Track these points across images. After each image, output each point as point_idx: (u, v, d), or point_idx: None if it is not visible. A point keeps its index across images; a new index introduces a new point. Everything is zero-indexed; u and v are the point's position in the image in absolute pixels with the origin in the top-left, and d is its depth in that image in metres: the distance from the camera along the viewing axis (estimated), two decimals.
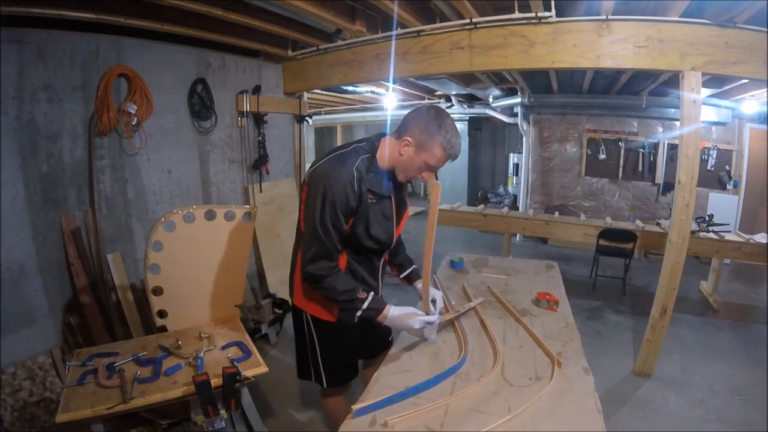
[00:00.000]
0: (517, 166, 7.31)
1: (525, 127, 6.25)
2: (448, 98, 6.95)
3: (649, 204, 5.96)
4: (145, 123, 2.62)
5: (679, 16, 2.30)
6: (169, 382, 1.52)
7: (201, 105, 3.03)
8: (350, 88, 5.23)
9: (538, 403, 1.14)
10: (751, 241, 3.56)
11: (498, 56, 2.70)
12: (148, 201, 2.77)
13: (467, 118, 7.90)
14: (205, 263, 1.95)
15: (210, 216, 1.90)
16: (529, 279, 2.13)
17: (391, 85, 5.50)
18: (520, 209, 6.56)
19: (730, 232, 3.89)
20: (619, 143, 5.84)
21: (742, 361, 2.98)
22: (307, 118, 4.25)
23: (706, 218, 4.09)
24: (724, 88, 4.57)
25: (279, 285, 3.47)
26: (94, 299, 2.38)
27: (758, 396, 2.53)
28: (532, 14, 2.47)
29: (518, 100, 5.94)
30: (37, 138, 2.22)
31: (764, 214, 5.45)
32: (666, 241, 2.65)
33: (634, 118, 5.76)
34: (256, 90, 3.42)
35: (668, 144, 5.64)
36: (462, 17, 2.67)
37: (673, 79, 3.44)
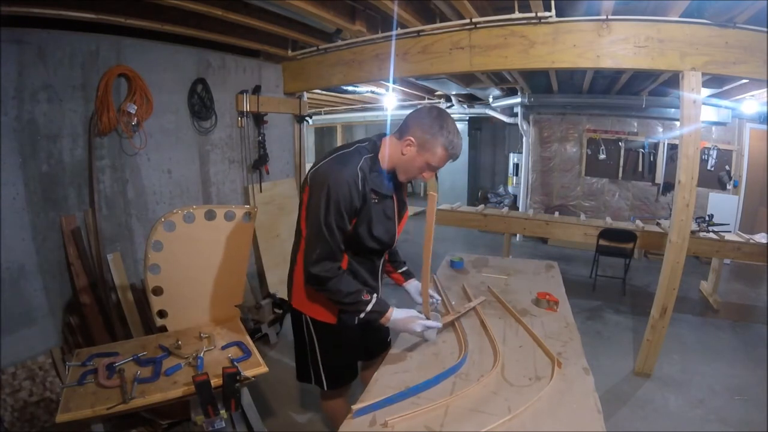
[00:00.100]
0: (517, 166, 7.31)
1: (525, 127, 6.25)
2: (448, 98, 6.95)
3: (649, 204, 5.96)
4: (145, 123, 2.62)
5: (679, 16, 2.30)
6: (169, 382, 1.52)
7: (201, 105, 3.03)
8: (350, 88, 5.23)
9: (538, 403, 1.14)
10: (751, 241, 3.56)
11: (498, 56, 2.70)
12: (148, 201, 2.77)
13: (467, 118, 7.89)
14: (205, 263, 1.95)
15: (210, 216, 1.90)
16: (529, 279, 2.14)
17: (391, 85, 5.50)
18: (520, 209, 6.56)
19: (730, 232, 3.89)
20: (619, 143, 5.84)
21: (742, 361, 2.98)
22: (307, 118, 4.25)
23: (706, 218, 4.09)
24: (724, 88, 4.57)
25: (279, 285, 3.47)
26: (94, 299, 2.38)
27: (758, 396, 2.53)
28: (532, 14, 2.47)
29: (518, 100, 5.94)
30: (37, 138, 2.22)
31: (764, 214, 5.44)
32: (666, 241, 2.65)
33: (634, 118, 5.76)
34: (256, 90, 3.42)
35: (668, 144, 5.64)
36: (462, 17, 2.67)
37: (673, 79, 3.44)
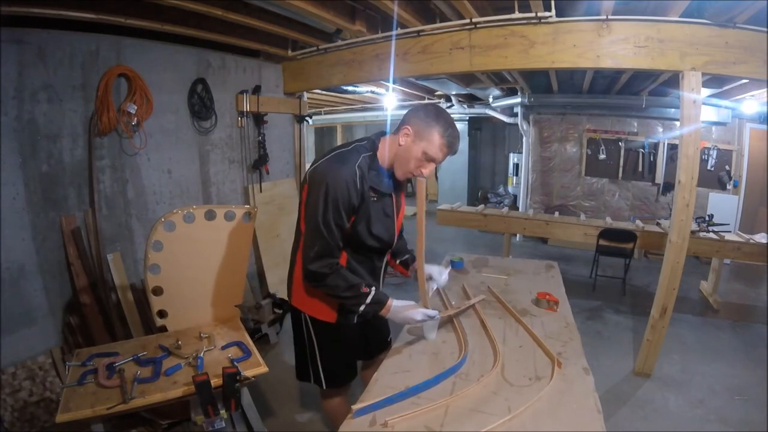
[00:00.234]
0: (517, 166, 7.31)
1: (525, 127, 6.25)
2: (448, 98, 6.95)
3: (649, 204, 5.95)
4: (145, 123, 2.62)
5: (679, 16, 2.30)
6: (169, 382, 1.52)
7: (201, 105, 3.03)
8: (350, 88, 5.22)
9: (538, 403, 1.13)
10: (751, 241, 3.56)
11: (498, 56, 2.70)
12: (148, 201, 2.77)
13: (467, 118, 7.89)
14: (205, 263, 1.95)
15: (210, 216, 1.90)
16: (529, 279, 2.13)
17: (391, 85, 5.50)
18: (520, 209, 6.56)
19: (730, 232, 3.89)
20: (619, 143, 5.84)
21: (742, 361, 2.98)
22: (307, 118, 4.25)
23: (706, 218, 4.09)
24: (724, 88, 4.57)
25: (279, 285, 3.47)
26: (94, 299, 2.38)
27: (758, 396, 2.53)
28: (532, 14, 2.47)
29: (518, 100, 5.94)
30: (37, 138, 2.22)
31: (764, 214, 5.44)
32: (666, 241, 2.65)
33: (634, 118, 5.76)
34: (256, 90, 3.42)
35: (668, 144, 5.64)
36: (462, 17, 2.67)
37: (673, 79, 3.44)
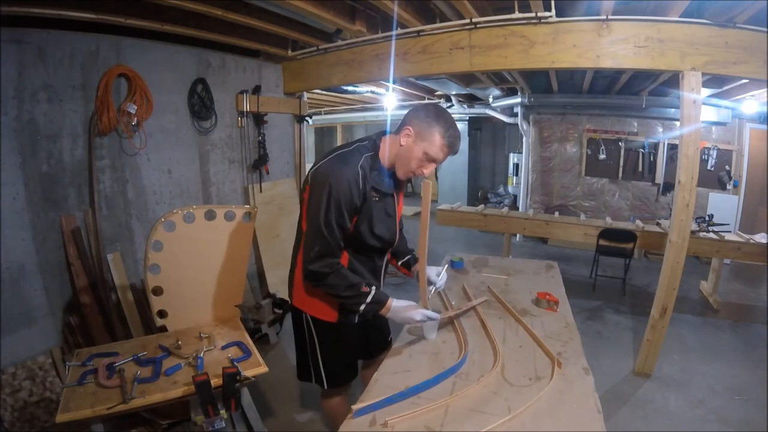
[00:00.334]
0: (517, 166, 7.31)
1: (525, 127, 6.25)
2: (448, 98, 6.95)
3: (649, 204, 5.95)
4: (145, 123, 2.62)
5: (679, 16, 2.30)
6: (169, 382, 1.52)
7: (201, 105, 3.03)
8: (350, 88, 5.22)
9: (538, 403, 1.14)
10: (751, 241, 3.56)
11: (498, 56, 2.70)
12: (148, 201, 2.77)
13: (467, 118, 7.89)
14: (205, 263, 1.95)
15: (210, 216, 1.90)
16: (529, 279, 2.14)
17: (391, 85, 5.50)
18: (520, 209, 6.56)
19: (730, 232, 3.89)
20: (619, 143, 5.84)
21: (742, 361, 2.98)
22: (307, 118, 4.25)
23: (706, 218, 4.09)
24: (724, 88, 4.56)
25: (279, 285, 3.47)
26: (94, 299, 2.38)
27: (758, 396, 2.53)
28: (532, 14, 2.47)
29: (518, 100, 5.94)
30: (37, 138, 2.22)
31: (764, 214, 5.44)
32: (666, 241, 2.65)
33: (634, 118, 5.76)
34: (256, 90, 3.42)
35: (668, 144, 5.63)
36: (462, 17, 2.67)
37: (673, 79, 3.44)
